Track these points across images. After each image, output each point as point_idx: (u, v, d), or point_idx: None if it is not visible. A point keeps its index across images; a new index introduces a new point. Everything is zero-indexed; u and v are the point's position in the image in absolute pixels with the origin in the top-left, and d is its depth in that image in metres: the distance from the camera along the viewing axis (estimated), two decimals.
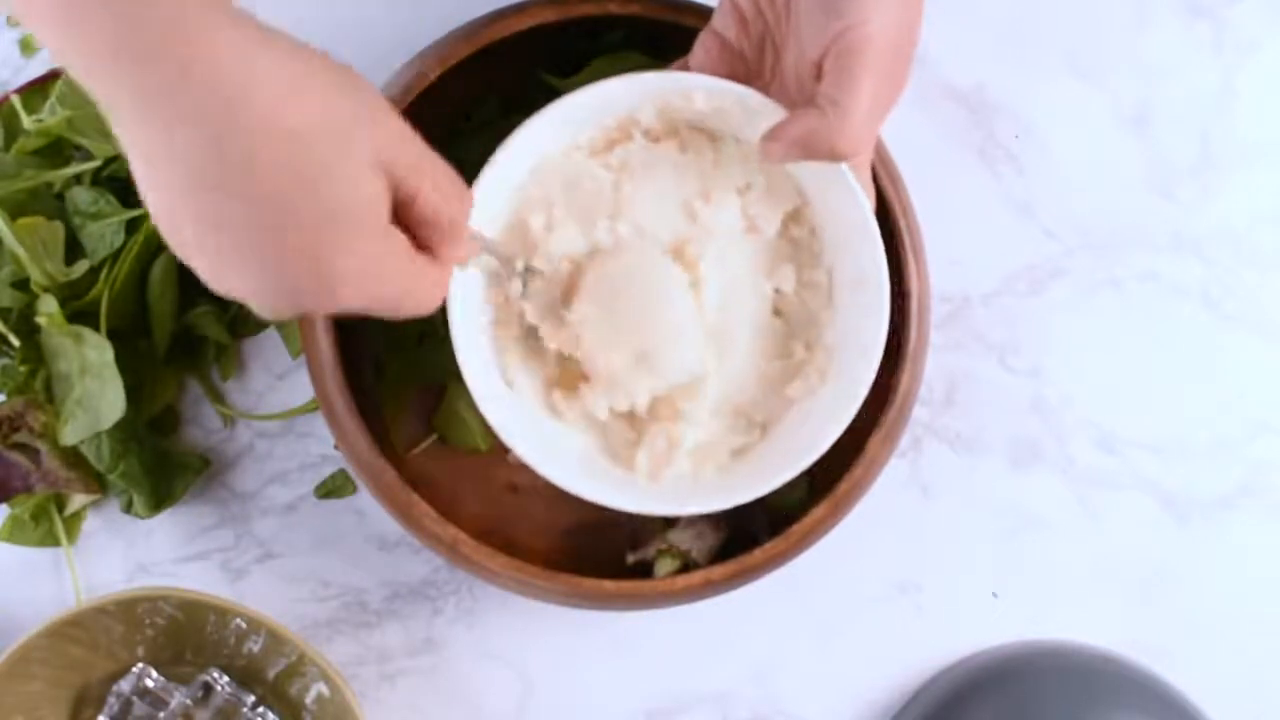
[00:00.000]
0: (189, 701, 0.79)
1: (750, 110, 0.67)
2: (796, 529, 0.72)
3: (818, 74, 0.64)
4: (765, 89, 0.67)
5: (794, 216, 0.71)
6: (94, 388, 0.76)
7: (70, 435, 0.76)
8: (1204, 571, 0.83)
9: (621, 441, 0.71)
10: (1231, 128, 0.85)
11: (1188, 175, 0.84)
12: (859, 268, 0.69)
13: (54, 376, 0.78)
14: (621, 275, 0.68)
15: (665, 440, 0.70)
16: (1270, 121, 0.85)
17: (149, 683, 0.79)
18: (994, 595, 0.82)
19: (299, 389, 0.82)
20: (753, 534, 0.76)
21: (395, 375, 0.79)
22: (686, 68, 0.69)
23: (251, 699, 0.79)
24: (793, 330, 0.71)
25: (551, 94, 0.79)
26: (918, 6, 0.64)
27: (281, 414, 0.82)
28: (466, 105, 0.79)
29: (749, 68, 0.68)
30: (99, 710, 0.79)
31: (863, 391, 0.68)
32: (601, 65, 0.77)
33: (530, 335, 0.70)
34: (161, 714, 0.79)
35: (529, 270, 0.69)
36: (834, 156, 0.64)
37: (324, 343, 0.73)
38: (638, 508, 0.68)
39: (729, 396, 0.71)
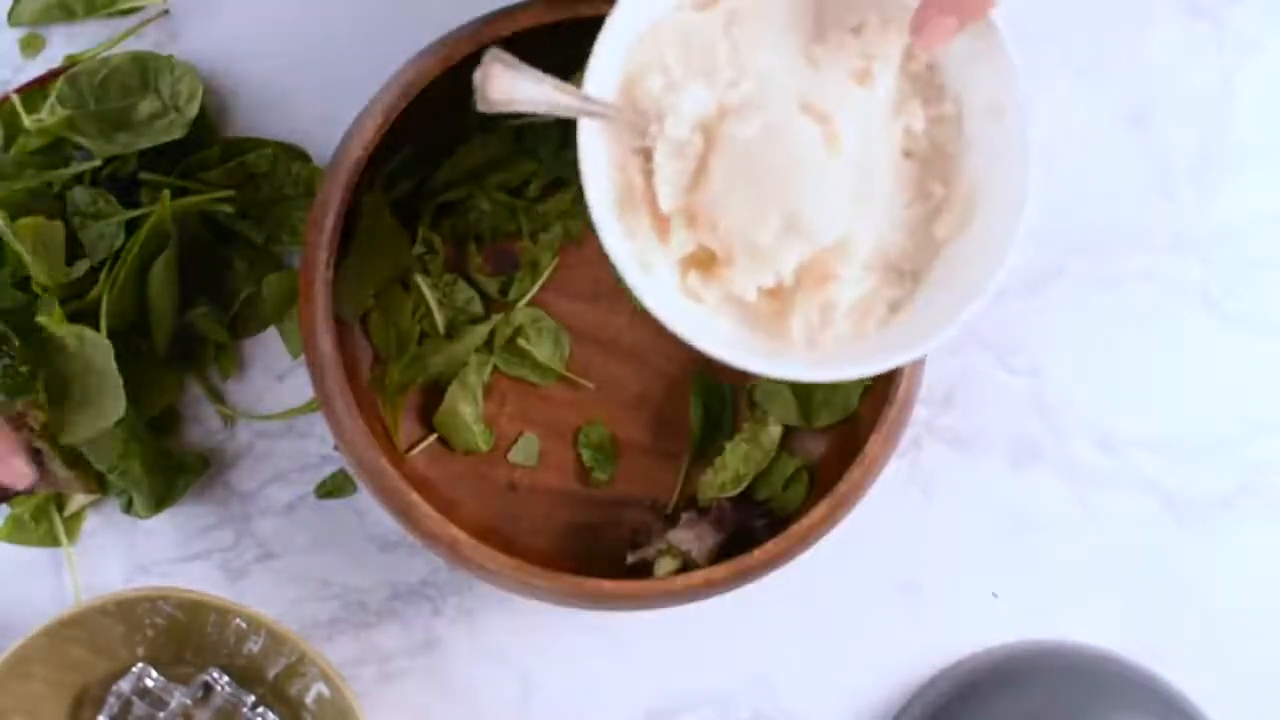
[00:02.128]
0: (189, 701, 0.79)
1: None
2: (796, 529, 0.72)
3: None
4: None
5: (911, 51, 0.68)
6: (94, 387, 0.76)
7: (70, 435, 0.76)
8: (1204, 571, 0.83)
9: (769, 314, 0.68)
10: (1231, 128, 0.84)
11: (1188, 175, 0.84)
12: (993, 95, 0.66)
13: (54, 376, 0.78)
14: (756, 139, 0.65)
15: (819, 305, 0.67)
16: (1270, 121, 0.85)
17: (149, 683, 0.79)
18: (994, 595, 0.82)
19: (299, 389, 0.82)
20: (753, 534, 0.76)
21: (395, 375, 0.79)
22: None
23: (251, 699, 0.79)
24: (927, 169, 0.68)
25: None
26: None
27: (281, 414, 0.82)
28: (466, 105, 0.79)
29: None
30: (99, 710, 0.79)
31: (1018, 227, 0.65)
32: None
33: (659, 220, 0.66)
34: (161, 714, 0.79)
35: (660, 142, 0.65)
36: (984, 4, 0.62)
37: (324, 343, 0.73)
38: (807, 376, 0.65)
39: (876, 248, 0.68)
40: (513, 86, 0.62)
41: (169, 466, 0.80)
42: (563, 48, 0.76)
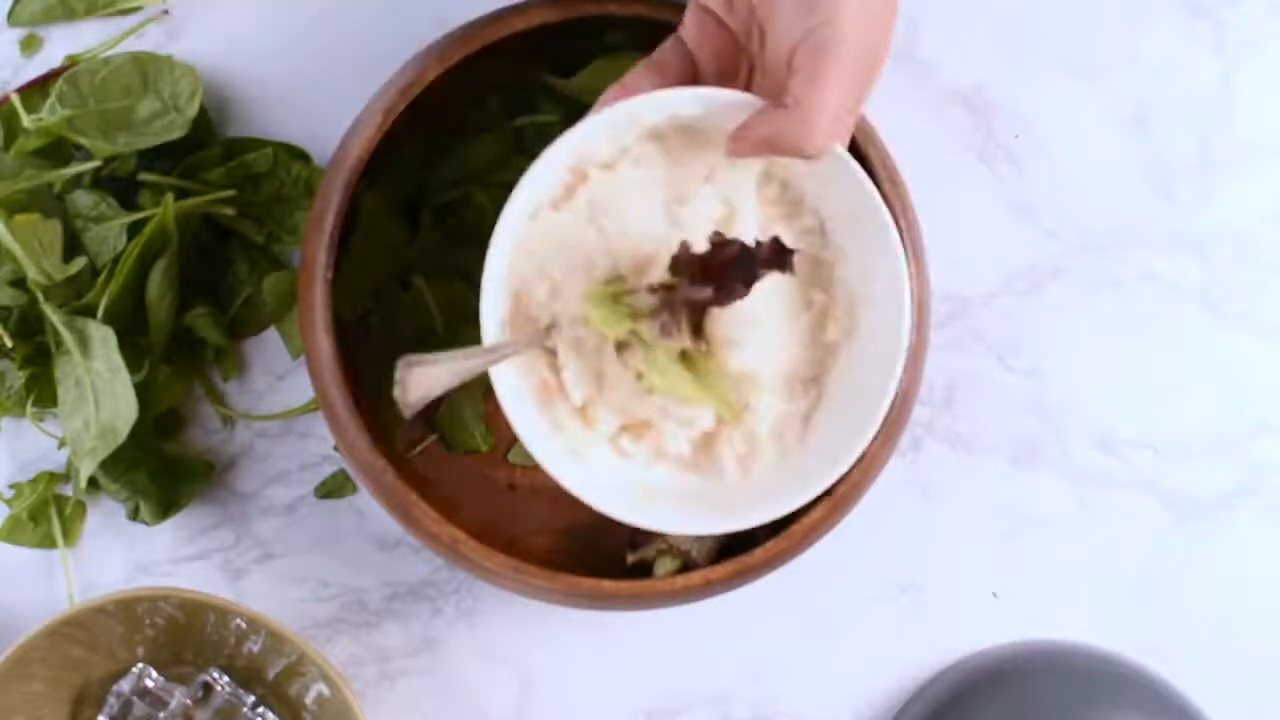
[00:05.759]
0: (189, 701, 0.79)
1: (705, 105, 0.66)
2: (796, 529, 0.72)
3: (790, 68, 0.63)
4: (750, 66, 0.67)
5: (764, 177, 0.70)
6: (106, 405, 0.75)
7: (88, 466, 0.76)
8: (1204, 571, 0.83)
9: (698, 458, 0.70)
10: (1231, 128, 0.85)
11: (1188, 175, 0.84)
12: (851, 208, 0.68)
13: (59, 389, 0.77)
14: None
15: (743, 436, 0.69)
16: (1270, 121, 0.85)
17: (149, 683, 0.79)
18: (994, 595, 0.82)
19: (299, 389, 0.82)
20: (753, 534, 0.76)
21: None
22: (663, 59, 0.68)
23: (251, 699, 0.79)
24: (805, 280, 0.70)
25: (551, 94, 0.79)
26: (892, 7, 0.63)
27: (281, 414, 0.82)
28: (466, 105, 0.79)
29: (736, 43, 0.68)
30: (99, 710, 0.79)
31: (905, 319, 0.67)
32: (602, 65, 0.77)
33: (579, 408, 0.68)
34: (161, 714, 0.79)
35: (560, 344, 0.67)
36: (799, 155, 0.64)
37: (324, 343, 0.73)
38: (744, 525, 0.68)
39: (775, 368, 0.69)
40: (429, 382, 0.64)
41: (175, 474, 0.80)
42: (563, 48, 0.76)
